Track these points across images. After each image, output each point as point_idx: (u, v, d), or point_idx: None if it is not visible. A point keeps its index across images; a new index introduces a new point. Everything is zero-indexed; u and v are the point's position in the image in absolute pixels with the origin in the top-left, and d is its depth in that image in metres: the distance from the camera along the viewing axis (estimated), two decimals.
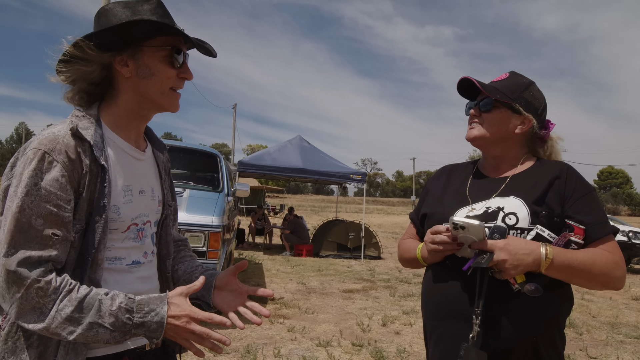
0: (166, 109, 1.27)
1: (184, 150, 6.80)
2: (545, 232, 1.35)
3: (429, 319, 1.51)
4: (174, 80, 1.23)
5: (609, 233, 1.36)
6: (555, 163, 1.51)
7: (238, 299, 1.36)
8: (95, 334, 1.04)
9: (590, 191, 1.42)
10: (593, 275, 1.33)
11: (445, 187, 1.63)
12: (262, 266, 9.75)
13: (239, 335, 4.77)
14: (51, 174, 1.06)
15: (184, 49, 1.25)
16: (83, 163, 1.11)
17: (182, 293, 1.13)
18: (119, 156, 1.22)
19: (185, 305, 1.10)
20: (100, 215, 1.13)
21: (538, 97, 1.54)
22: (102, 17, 1.20)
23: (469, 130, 1.57)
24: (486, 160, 1.61)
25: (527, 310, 1.34)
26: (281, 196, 52.51)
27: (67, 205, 1.07)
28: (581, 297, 7.74)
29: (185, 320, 1.09)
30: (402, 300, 7.11)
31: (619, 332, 5.85)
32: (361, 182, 12.47)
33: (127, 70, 1.19)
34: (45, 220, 1.04)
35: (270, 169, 11.70)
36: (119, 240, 1.21)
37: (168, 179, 1.46)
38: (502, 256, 1.29)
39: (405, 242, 1.70)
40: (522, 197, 1.42)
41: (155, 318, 1.07)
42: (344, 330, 5.24)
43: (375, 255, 12.28)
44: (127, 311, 1.06)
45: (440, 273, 1.48)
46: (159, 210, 1.37)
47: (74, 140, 1.10)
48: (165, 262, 1.41)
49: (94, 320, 1.04)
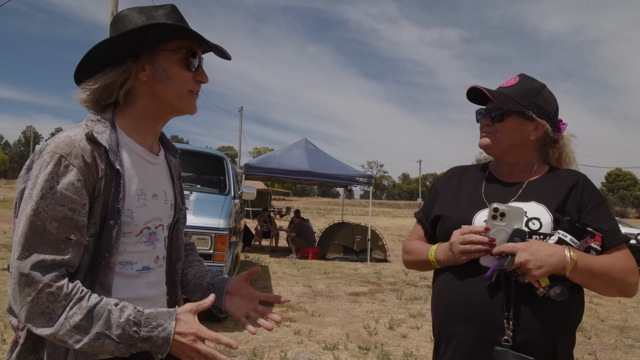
0: (185, 112, 1.28)
1: (191, 153, 6.83)
2: (568, 237, 1.34)
3: (446, 323, 1.46)
4: (191, 83, 1.24)
5: (623, 241, 1.40)
6: (570, 172, 1.53)
7: (249, 304, 1.36)
8: (101, 344, 1.04)
9: (604, 200, 1.46)
10: (612, 280, 1.34)
11: (457, 189, 1.60)
12: (269, 269, 9.76)
13: (245, 338, 4.78)
14: (67, 177, 1.06)
15: (199, 52, 1.26)
16: (99, 167, 1.12)
17: (192, 310, 1.12)
18: (134, 160, 1.23)
19: (193, 322, 1.10)
20: (115, 220, 1.13)
21: (550, 101, 1.52)
22: (118, 23, 1.21)
23: (481, 138, 1.55)
24: (499, 166, 1.59)
25: (552, 315, 1.34)
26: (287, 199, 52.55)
27: (82, 209, 1.08)
28: (590, 300, 7.67)
29: (192, 338, 1.08)
30: (408, 303, 7.09)
31: (628, 336, 5.80)
32: (367, 185, 12.45)
33: (144, 74, 1.20)
34: (60, 224, 1.05)
35: (276, 171, 11.71)
36: (131, 244, 1.21)
37: (179, 183, 1.47)
38: (525, 257, 1.29)
39: (412, 244, 1.66)
40: (544, 203, 1.42)
41: (162, 334, 1.06)
42: (351, 334, 5.23)
43: (382, 258, 12.25)
44: (135, 324, 1.06)
45: (456, 276, 1.45)
46: (171, 214, 1.37)
47: (90, 144, 1.11)
48: (176, 265, 1.42)
49: (101, 330, 1.04)
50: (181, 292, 1.46)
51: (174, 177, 1.41)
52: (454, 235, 1.42)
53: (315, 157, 12.48)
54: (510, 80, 1.55)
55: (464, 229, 1.41)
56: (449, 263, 1.46)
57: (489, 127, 1.52)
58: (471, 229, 1.39)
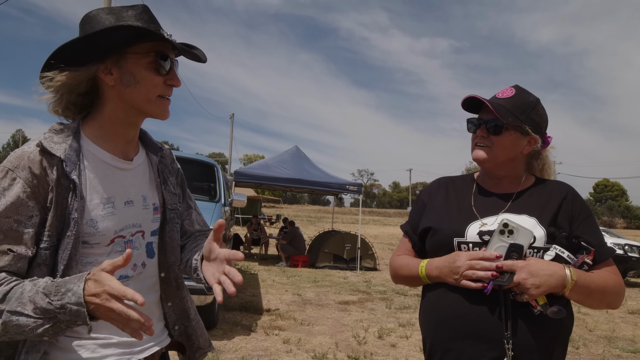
0: (154, 117, 1.24)
1: (181, 160, 6.71)
2: (565, 253, 1.34)
3: (441, 340, 1.42)
4: (161, 87, 1.20)
5: (610, 256, 1.41)
6: (558, 183, 1.53)
7: (219, 267, 1.16)
8: (16, 323, 0.98)
9: (591, 213, 1.48)
10: (604, 296, 1.36)
11: (446, 200, 1.58)
12: (258, 277, 9.70)
13: (234, 347, 4.73)
14: (13, 190, 1.06)
15: (172, 56, 1.22)
16: (49, 178, 1.10)
17: (104, 269, 0.99)
18: (98, 168, 1.20)
19: (105, 280, 0.97)
20: (71, 231, 1.11)
21: (543, 116, 1.52)
22: (86, 24, 1.17)
23: (476, 150, 1.51)
24: (487, 177, 1.58)
25: (548, 330, 1.34)
26: (277, 206, 52.41)
27: (27, 221, 1.07)
28: (578, 310, 7.72)
29: (105, 297, 0.95)
30: (398, 312, 7.08)
31: (615, 346, 5.83)
32: (357, 193, 12.46)
33: (111, 78, 1.16)
34: (5, 235, 1.05)
35: (266, 179, 11.68)
36: (103, 254, 1.18)
37: (175, 180, 1.42)
38: (523, 276, 1.28)
39: (401, 259, 1.61)
40: (535, 216, 1.42)
41: (73, 298, 0.97)
42: (340, 343, 5.20)
43: (371, 267, 12.24)
44: (46, 295, 0.98)
45: (450, 290, 1.41)
46: (155, 218, 1.32)
47: (41, 155, 1.10)
48: (175, 269, 1.36)
49: (13, 308, 0.98)
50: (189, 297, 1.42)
51: (158, 177, 1.35)
52: (459, 259, 1.37)
53: (305, 165, 12.48)
54: (506, 91, 1.52)
55: (472, 254, 1.36)
56: (442, 281, 1.43)
57: (485, 139, 1.49)
58: (482, 256, 1.34)
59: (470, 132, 1.57)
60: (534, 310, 1.31)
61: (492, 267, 1.32)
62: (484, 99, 1.48)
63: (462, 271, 1.35)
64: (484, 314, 1.34)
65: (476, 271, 1.33)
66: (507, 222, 1.34)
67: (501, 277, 1.30)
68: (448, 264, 1.40)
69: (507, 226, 1.33)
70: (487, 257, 1.33)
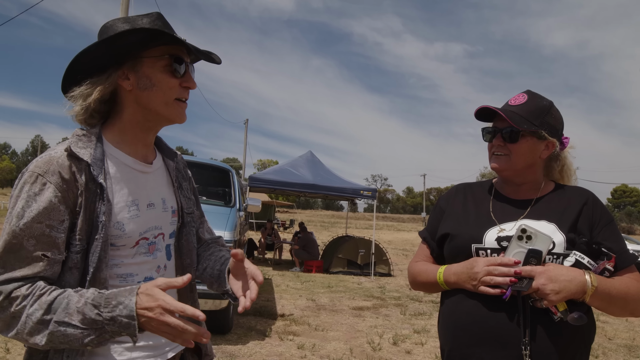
0: (172, 120, 1.26)
1: (197, 165, 6.85)
2: (585, 259, 1.32)
3: (459, 346, 1.41)
4: (177, 90, 1.22)
5: (633, 262, 1.39)
6: (579, 189, 1.52)
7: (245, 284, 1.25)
8: (64, 333, 1.00)
9: (613, 219, 1.46)
10: (626, 303, 1.34)
11: (464, 206, 1.57)
12: (272, 282, 9.72)
13: (248, 351, 4.75)
14: (44, 195, 1.07)
15: (187, 59, 1.25)
16: (78, 182, 1.12)
17: (157, 285, 1.04)
18: (122, 172, 1.22)
19: (158, 295, 1.01)
20: (100, 234, 1.13)
21: (558, 118, 1.52)
22: (103, 34, 1.20)
23: (494, 158, 1.51)
24: (506, 184, 1.57)
25: (569, 339, 1.32)
26: (291, 211, 52.48)
27: (60, 225, 1.09)
28: (597, 318, 7.51)
29: (159, 311, 1.00)
30: (413, 318, 7.03)
31: (635, 355, 5.72)
32: (371, 198, 12.44)
33: (129, 83, 1.19)
34: (37, 240, 1.06)
35: (281, 184, 11.72)
36: (129, 256, 1.21)
37: (189, 185, 1.45)
38: (542, 281, 1.27)
39: (419, 265, 1.61)
40: (555, 222, 1.41)
41: (124, 311, 1.00)
42: (354, 349, 5.18)
43: (386, 272, 12.18)
44: (95, 307, 1.01)
45: (468, 297, 1.40)
46: (173, 221, 1.35)
47: (69, 160, 1.12)
48: (190, 272, 1.38)
49: (61, 319, 1.00)
50: (197, 296, 1.43)
51: (174, 182, 1.38)
52: (477, 265, 1.37)
53: (319, 170, 12.50)
54: (518, 97, 1.51)
55: (490, 260, 1.36)
56: (461, 287, 1.42)
57: (502, 147, 1.49)
58: (500, 262, 1.33)
59: (485, 141, 1.56)
60: (554, 316, 1.29)
61: (510, 272, 1.31)
62: (497, 108, 1.47)
63: (480, 277, 1.35)
64: (503, 320, 1.33)
65: (494, 277, 1.32)
66: (525, 227, 1.32)
67: (520, 283, 1.29)
68: (466, 270, 1.39)
69: (525, 232, 1.32)
70: (505, 263, 1.32)
